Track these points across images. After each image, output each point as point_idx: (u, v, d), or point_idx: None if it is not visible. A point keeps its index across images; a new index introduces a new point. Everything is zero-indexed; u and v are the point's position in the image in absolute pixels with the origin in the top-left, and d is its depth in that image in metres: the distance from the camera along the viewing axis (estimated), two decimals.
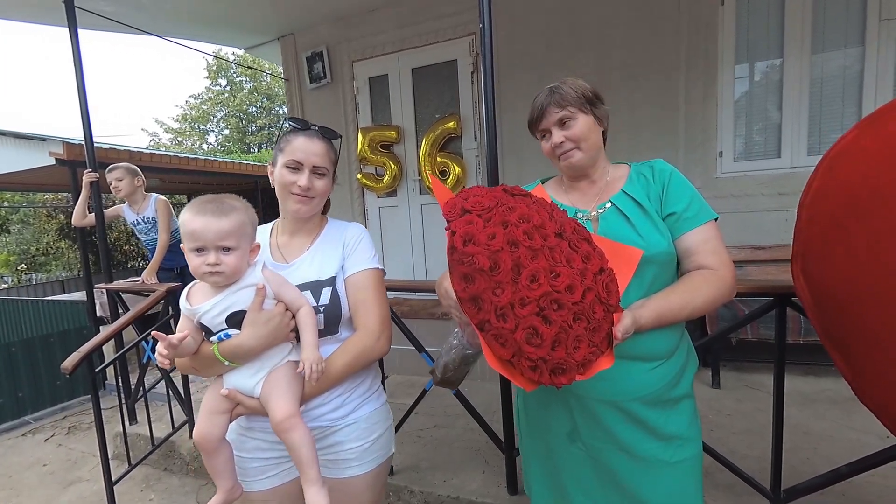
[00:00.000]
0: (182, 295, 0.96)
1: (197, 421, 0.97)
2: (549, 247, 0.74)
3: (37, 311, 5.57)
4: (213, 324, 0.92)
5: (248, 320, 0.91)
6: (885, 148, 0.86)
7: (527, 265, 0.71)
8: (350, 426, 1.05)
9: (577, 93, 0.99)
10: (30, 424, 3.82)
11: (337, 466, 1.05)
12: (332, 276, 1.03)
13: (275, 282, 0.95)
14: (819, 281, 1.01)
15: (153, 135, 19.61)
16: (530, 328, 0.69)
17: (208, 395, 0.97)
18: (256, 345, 0.91)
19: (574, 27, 3.19)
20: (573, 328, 0.71)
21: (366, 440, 1.06)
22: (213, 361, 0.93)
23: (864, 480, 1.65)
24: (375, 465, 1.08)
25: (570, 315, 0.71)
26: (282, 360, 0.95)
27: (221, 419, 0.95)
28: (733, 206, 2.86)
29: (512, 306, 0.70)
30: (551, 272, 0.72)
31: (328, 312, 1.01)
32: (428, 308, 3.27)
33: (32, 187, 8.03)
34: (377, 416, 1.10)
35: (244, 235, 0.91)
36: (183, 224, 0.90)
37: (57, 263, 12.77)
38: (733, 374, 2.77)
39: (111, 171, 2.90)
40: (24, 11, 3.10)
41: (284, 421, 0.90)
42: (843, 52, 2.70)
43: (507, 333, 0.70)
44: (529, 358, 0.70)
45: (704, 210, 0.95)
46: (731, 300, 1.02)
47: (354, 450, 1.05)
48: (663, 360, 0.95)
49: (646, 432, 0.94)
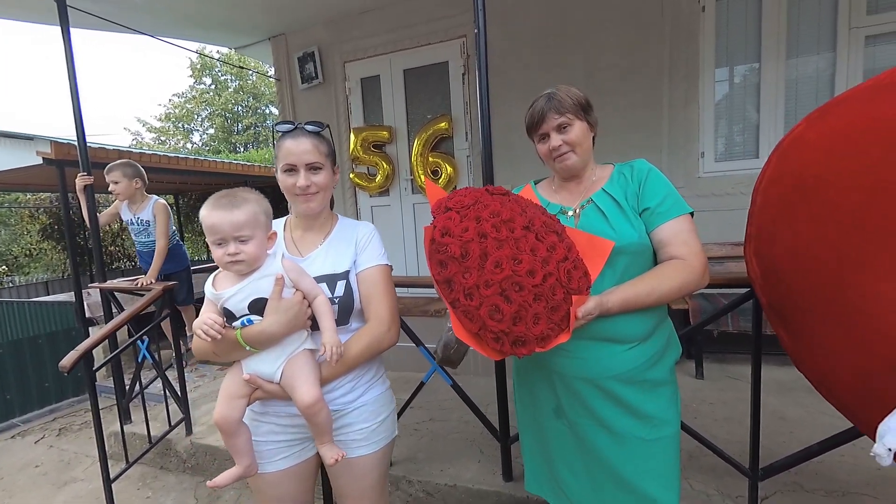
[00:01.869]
0: (208, 281, 1.02)
1: (217, 405, 1.02)
2: (515, 238, 0.86)
3: (23, 312, 5.47)
4: (236, 308, 0.98)
5: (269, 308, 0.97)
6: (826, 140, 0.97)
7: (492, 253, 0.84)
8: (359, 409, 1.12)
9: (573, 100, 1.07)
10: (18, 427, 3.77)
11: (346, 447, 1.11)
12: (346, 271, 1.10)
13: (294, 271, 1.01)
14: (768, 258, 1.11)
15: (136, 134, 19.29)
16: (493, 306, 0.82)
17: (227, 381, 1.03)
18: (279, 331, 0.97)
19: (564, 31, 3.28)
20: (532, 307, 0.83)
21: (373, 422, 1.14)
22: (234, 346, 0.98)
23: (834, 460, 1.76)
24: (381, 446, 1.16)
25: (530, 295, 0.83)
26: (299, 347, 1.01)
27: (240, 403, 1.01)
28: (715, 204, 2.98)
29: (477, 287, 0.83)
30: (514, 259, 0.84)
31: (342, 304, 1.08)
32: (421, 306, 3.33)
33: (17, 187, 7.84)
34: (382, 399, 1.18)
35: (258, 225, 0.97)
36: (202, 220, 0.95)
37: (37, 265, 12.47)
38: (716, 366, 2.89)
39: (109, 171, 2.82)
40: (15, 10, 3.07)
41: (314, 405, 0.98)
42: (816, 57, 2.84)
43: (473, 310, 0.84)
44: (492, 331, 0.83)
45: (678, 205, 1.03)
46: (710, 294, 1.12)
47: (363, 430, 1.12)
48: (638, 342, 1.03)
49: (623, 409, 1.02)
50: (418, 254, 4.00)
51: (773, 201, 1.07)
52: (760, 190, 1.12)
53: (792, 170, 1.03)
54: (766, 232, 1.09)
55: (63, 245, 10.72)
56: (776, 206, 1.06)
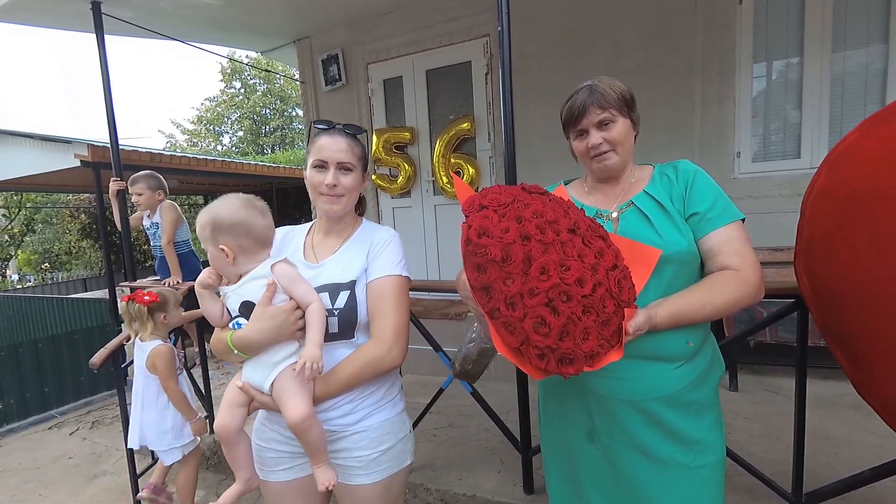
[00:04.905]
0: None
1: (218, 412, 1.00)
2: (561, 241, 0.77)
3: (61, 308, 5.74)
4: (231, 308, 0.97)
5: (255, 314, 0.94)
6: (888, 149, 0.87)
7: (537, 258, 0.74)
8: (359, 434, 1.02)
9: (617, 94, 0.98)
10: (55, 418, 3.94)
11: (344, 473, 1.03)
12: (353, 280, 1.02)
13: (286, 278, 0.96)
14: (821, 278, 1.01)
15: (170, 136, 20.04)
16: (538, 318, 0.72)
17: (230, 388, 1.01)
18: (258, 338, 0.93)
19: (587, 28, 3.18)
20: (582, 320, 0.73)
21: (374, 450, 1.03)
22: (228, 349, 0.97)
23: (886, 486, 1.62)
24: (384, 476, 1.04)
25: (579, 307, 0.73)
26: (288, 359, 0.97)
27: (240, 411, 0.98)
28: (751, 207, 2.82)
29: (521, 296, 0.73)
30: (562, 265, 0.74)
31: (343, 316, 1.00)
32: (441, 308, 3.29)
33: (57, 188, 8.27)
34: (390, 425, 1.06)
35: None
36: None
37: (78, 262, 13.10)
38: (751, 378, 2.74)
39: (133, 183, 2.87)
40: (51, 18, 3.19)
41: (302, 422, 0.91)
42: (865, 50, 2.65)
43: (515, 322, 0.73)
44: (537, 346, 0.73)
45: (729, 210, 0.93)
46: None
47: (361, 458, 1.02)
48: (684, 361, 0.94)
49: (665, 434, 0.93)
50: (439, 256, 3.96)
51: (824, 216, 0.99)
52: (809, 202, 1.03)
53: (846, 182, 0.94)
54: (817, 248, 1.00)
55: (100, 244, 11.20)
56: (828, 222, 0.97)
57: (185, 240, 3.11)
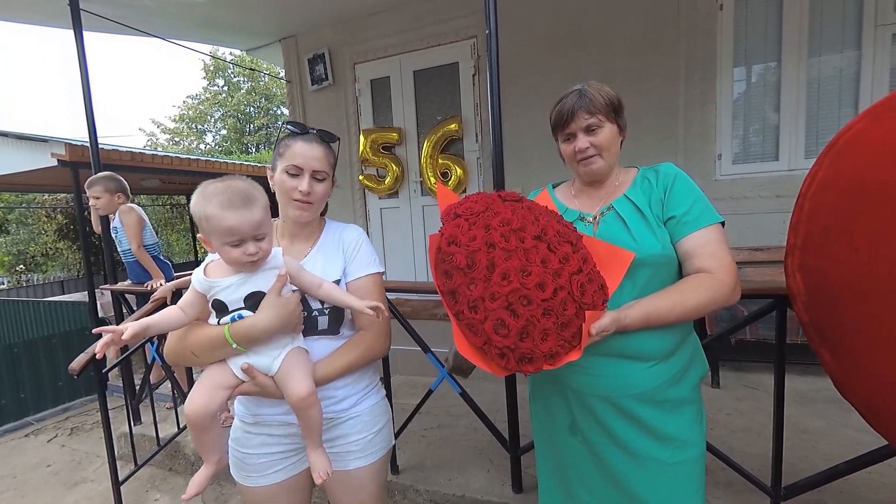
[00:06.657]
0: (199, 269, 0.97)
1: (193, 396, 0.94)
2: (525, 248, 0.82)
3: (38, 311, 5.56)
4: (230, 300, 0.94)
5: (266, 303, 0.93)
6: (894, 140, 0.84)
7: (500, 264, 0.79)
8: (354, 419, 1.10)
9: (605, 99, 1.00)
10: (32, 425, 3.82)
11: (342, 459, 1.08)
12: (337, 280, 1.07)
13: (293, 268, 0.99)
14: (816, 273, 0.98)
15: (150, 135, 19.55)
16: (498, 320, 0.78)
17: (212, 371, 0.96)
18: (270, 326, 0.92)
19: (577, 32, 3.22)
20: (541, 322, 0.78)
21: (368, 432, 1.11)
22: (218, 344, 0.93)
23: (860, 478, 1.68)
24: (378, 457, 1.13)
25: (539, 310, 0.78)
26: (290, 346, 0.98)
27: (223, 394, 0.95)
28: (731, 208, 2.90)
29: (483, 300, 0.79)
30: (523, 271, 0.79)
31: (332, 313, 1.05)
32: (429, 309, 3.29)
33: (34, 188, 8.01)
34: (378, 409, 1.15)
35: (269, 219, 0.94)
36: (211, 218, 0.88)
37: (55, 264, 12.73)
38: (732, 374, 2.80)
39: (90, 185, 2.69)
40: (28, 14, 3.11)
41: (307, 397, 0.95)
42: (839, 56, 2.74)
43: (477, 323, 0.79)
44: (497, 346, 0.79)
45: (707, 213, 0.95)
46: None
47: (359, 441, 1.09)
48: (659, 360, 0.96)
49: (641, 430, 0.95)
50: (427, 256, 3.96)
51: (826, 209, 0.94)
52: (810, 195, 0.98)
53: (850, 173, 0.90)
54: (815, 243, 0.97)
55: (78, 245, 10.90)
56: (830, 215, 0.93)
57: (152, 243, 2.94)
